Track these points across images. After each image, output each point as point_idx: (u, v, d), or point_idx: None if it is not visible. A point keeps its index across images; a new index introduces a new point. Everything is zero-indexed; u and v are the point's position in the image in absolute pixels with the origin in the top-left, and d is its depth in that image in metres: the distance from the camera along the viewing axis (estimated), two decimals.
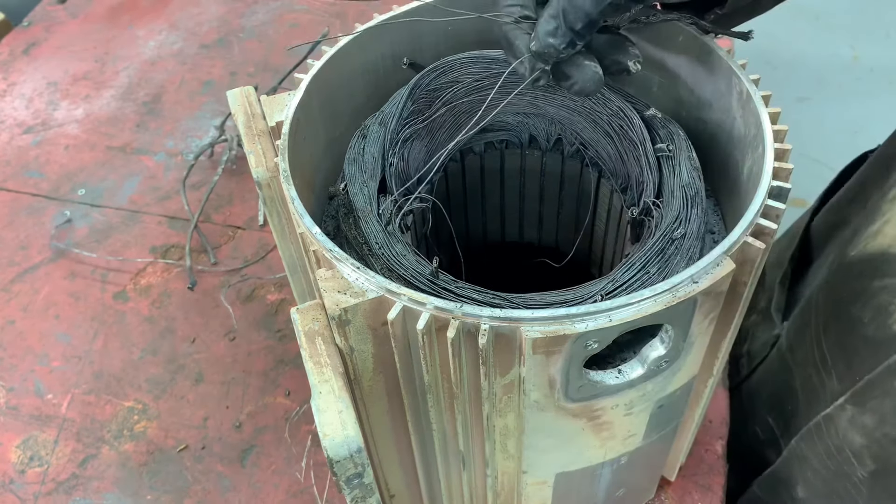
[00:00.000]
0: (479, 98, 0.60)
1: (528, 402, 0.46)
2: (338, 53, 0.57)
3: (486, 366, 0.43)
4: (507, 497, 0.59)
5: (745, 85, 0.52)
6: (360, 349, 0.46)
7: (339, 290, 0.43)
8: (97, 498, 0.75)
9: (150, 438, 0.79)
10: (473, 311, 0.41)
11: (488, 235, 0.73)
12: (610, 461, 0.56)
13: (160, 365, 0.85)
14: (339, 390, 0.42)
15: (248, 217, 0.98)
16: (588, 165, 0.63)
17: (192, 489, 0.75)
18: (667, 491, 0.72)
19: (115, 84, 1.19)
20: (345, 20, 1.26)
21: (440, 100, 0.59)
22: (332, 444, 0.40)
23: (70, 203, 1.02)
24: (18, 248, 0.97)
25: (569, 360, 0.43)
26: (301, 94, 0.54)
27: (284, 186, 0.49)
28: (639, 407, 0.50)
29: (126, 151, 1.08)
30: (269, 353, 0.85)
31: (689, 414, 0.61)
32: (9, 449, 0.79)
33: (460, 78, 0.59)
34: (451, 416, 0.50)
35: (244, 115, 0.55)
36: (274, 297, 0.90)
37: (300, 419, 0.79)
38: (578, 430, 0.50)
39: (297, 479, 0.75)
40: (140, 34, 1.27)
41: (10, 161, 1.08)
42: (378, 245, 0.51)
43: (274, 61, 1.20)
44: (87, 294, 0.91)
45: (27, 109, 1.15)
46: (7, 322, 0.89)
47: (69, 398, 0.82)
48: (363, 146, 0.56)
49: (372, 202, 0.53)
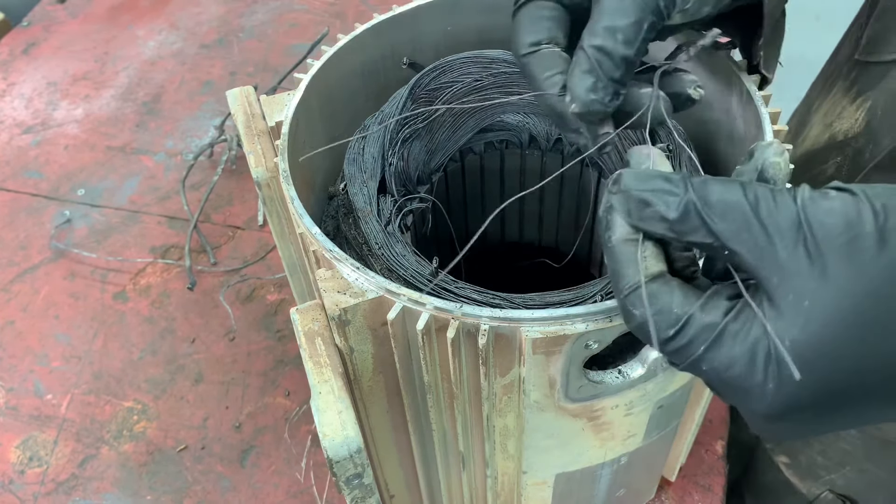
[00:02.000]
0: (479, 98, 0.60)
1: (528, 403, 0.46)
2: (338, 53, 0.57)
3: (486, 366, 0.43)
4: (507, 497, 0.59)
5: (746, 85, 0.52)
6: (359, 349, 0.46)
7: (338, 290, 0.43)
8: (97, 498, 0.75)
9: (150, 439, 0.79)
10: (473, 312, 0.41)
11: (488, 235, 0.73)
12: (610, 461, 0.56)
13: (160, 365, 0.84)
14: (338, 390, 0.42)
15: (248, 217, 0.98)
16: (588, 165, 0.63)
17: (192, 489, 0.75)
18: (667, 491, 0.72)
19: (114, 84, 1.19)
20: (345, 20, 1.26)
21: (440, 100, 0.59)
22: (331, 445, 0.40)
23: (70, 203, 1.02)
24: (18, 248, 0.97)
25: (569, 361, 0.43)
26: (301, 94, 0.54)
27: (284, 186, 0.49)
28: (639, 407, 0.50)
29: (126, 151, 1.08)
30: (269, 354, 0.85)
31: (689, 414, 0.61)
32: (8, 449, 0.79)
33: (460, 78, 0.59)
34: (450, 417, 0.50)
35: (244, 115, 0.55)
36: (274, 298, 0.90)
37: (300, 419, 0.79)
38: (578, 430, 0.50)
39: (296, 480, 0.75)
40: (140, 34, 1.27)
41: (10, 161, 1.08)
42: (378, 245, 0.51)
43: (274, 61, 1.20)
44: (86, 294, 0.91)
45: (27, 109, 1.15)
46: (7, 322, 0.89)
47: (69, 398, 0.82)
48: (363, 146, 0.56)
49: (372, 202, 0.53)
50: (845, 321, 0.30)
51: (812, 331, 0.30)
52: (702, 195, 0.32)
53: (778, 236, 0.31)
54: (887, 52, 0.64)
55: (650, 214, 0.33)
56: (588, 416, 0.49)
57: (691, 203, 0.32)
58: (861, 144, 0.66)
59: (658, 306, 0.33)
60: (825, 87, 0.75)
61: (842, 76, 0.71)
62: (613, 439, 0.53)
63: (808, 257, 0.30)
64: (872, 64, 0.66)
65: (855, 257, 0.30)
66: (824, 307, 0.30)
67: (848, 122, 0.68)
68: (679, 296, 0.33)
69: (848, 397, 0.31)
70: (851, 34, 0.72)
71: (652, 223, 0.34)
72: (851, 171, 0.67)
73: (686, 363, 0.33)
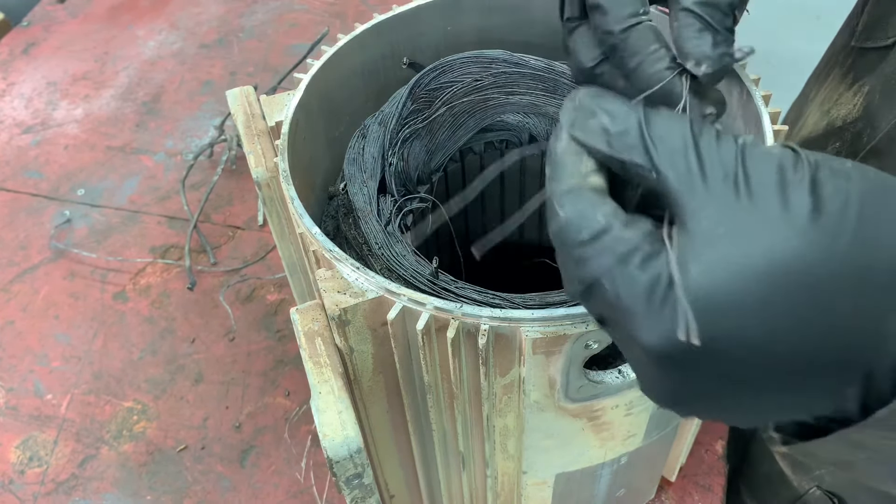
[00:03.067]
0: (478, 98, 0.60)
1: (528, 403, 0.46)
2: (338, 53, 0.57)
3: (486, 366, 0.43)
4: (507, 497, 0.59)
5: (746, 84, 0.52)
6: (359, 349, 0.46)
7: (338, 290, 0.43)
8: (97, 498, 0.75)
9: (150, 439, 0.79)
10: (473, 312, 0.41)
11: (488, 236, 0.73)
12: (610, 461, 0.56)
13: (160, 365, 0.84)
14: (338, 390, 0.42)
15: (248, 217, 0.98)
16: None
17: (192, 489, 0.75)
18: (667, 491, 0.72)
19: (114, 84, 1.19)
20: (345, 20, 1.26)
21: (440, 99, 0.59)
22: (331, 445, 0.40)
23: (69, 203, 1.02)
24: (18, 248, 0.97)
25: (569, 361, 0.43)
26: (301, 93, 0.54)
27: (284, 186, 0.48)
28: (639, 407, 0.50)
29: (125, 151, 1.08)
30: (269, 354, 0.85)
31: None
32: (8, 449, 0.79)
33: (460, 78, 0.59)
34: (450, 417, 0.50)
35: (244, 114, 0.54)
36: (273, 298, 0.90)
37: (300, 419, 0.79)
38: (578, 430, 0.50)
39: (296, 480, 0.75)
40: (140, 34, 1.27)
41: (10, 161, 1.08)
42: (378, 245, 0.51)
43: (273, 61, 1.20)
44: (86, 294, 0.91)
45: (27, 109, 1.15)
46: (6, 322, 0.89)
47: (69, 398, 0.82)
48: (363, 146, 0.56)
49: (372, 202, 0.53)
50: (755, 267, 0.28)
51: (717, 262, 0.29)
52: (648, 117, 0.32)
53: (710, 167, 0.30)
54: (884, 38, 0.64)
55: (592, 126, 0.33)
56: (588, 416, 0.49)
57: (635, 120, 0.32)
58: (859, 128, 0.67)
59: (583, 210, 0.32)
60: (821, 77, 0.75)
61: (838, 64, 0.72)
62: (613, 439, 0.53)
63: (735, 190, 0.29)
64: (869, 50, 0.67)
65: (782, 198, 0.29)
66: (738, 241, 0.29)
67: (846, 108, 0.69)
68: (607, 209, 0.32)
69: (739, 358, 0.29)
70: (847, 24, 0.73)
71: (592, 135, 0.33)
72: (849, 155, 0.67)
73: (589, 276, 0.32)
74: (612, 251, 0.31)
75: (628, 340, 0.32)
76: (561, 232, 0.33)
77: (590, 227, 0.32)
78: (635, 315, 0.30)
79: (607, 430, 0.51)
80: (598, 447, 0.53)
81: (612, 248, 0.31)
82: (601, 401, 0.48)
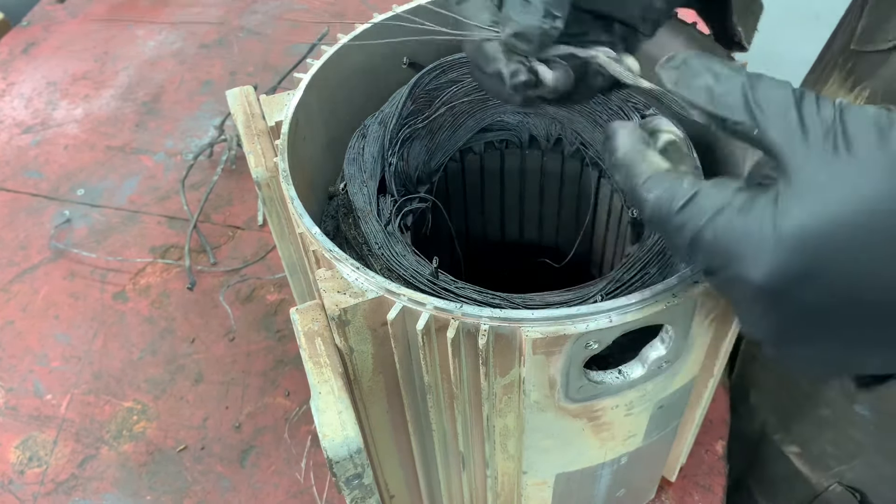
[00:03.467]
0: (478, 98, 0.60)
1: (528, 403, 0.46)
2: (338, 53, 0.57)
3: (486, 366, 0.43)
4: (507, 497, 0.59)
5: None
6: (359, 349, 0.45)
7: (338, 290, 0.43)
8: (96, 498, 0.75)
9: (150, 439, 0.79)
10: (473, 312, 0.41)
11: (488, 235, 0.73)
12: (610, 461, 0.56)
13: (160, 365, 0.84)
14: (338, 391, 0.42)
15: (248, 217, 0.98)
16: (588, 165, 0.63)
17: (192, 489, 0.75)
18: (667, 491, 0.72)
19: (114, 84, 1.18)
20: (345, 20, 1.26)
21: (440, 99, 0.59)
22: (331, 445, 0.40)
23: (69, 203, 1.02)
24: (18, 248, 0.97)
25: (569, 361, 0.43)
26: (301, 93, 0.54)
27: (284, 186, 0.48)
28: (639, 407, 0.50)
29: (125, 151, 1.08)
30: (269, 354, 0.85)
31: (690, 414, 0.61)
32: (8, 449, 0.79)
33: (460, 78, 0.59)
34: (450, 417, 0.50)
35: (243, 114, 0.54)
36: (273, 298, 0.90)
37: (300, 420, 0.79)
38: (578, 430, 0.50)
39: (296, 480, 0.75)
40: (140, 34, 1.27)
41: (10, 161, 1.08)
42: (378, 245, 0.51)
43: (273, 61, 1.20)
44: (86, 294, 0.91)
45: (26, 109, 1.15)
46: (6, 322, 0.89)
47: (68, 398, 0.82)
48: (363, 146, 0.56)
49: (372, 202, 0.53)
50: (854, 207, 0.31)
51: (819, 204, 0.31)
52: (752, 81, 0.34)
53: (812, 124, 0.33)
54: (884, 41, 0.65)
55: (698, 84, 0.35)
56: (588, 416, 0.49)
57: (739, 82, 0.34)
58: None
59: (669, 186, 0.36)
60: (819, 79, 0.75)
61: (837, 66, 0.72)
62: (613, 439, 0.53)
63: (834, 144, 0.32)
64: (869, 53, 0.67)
65: (879, 148, 0.31)
66: (838, 186, 0.31)
67: None
68: (690, 178, 0.36)
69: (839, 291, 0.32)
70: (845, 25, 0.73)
71: (696, 93, 0.35)
72: None
73: (692, 233, 0.34)
74: (709, 206, 0.34)
75: (734, 282, 0.34)
76: (656, 212, 0.36)
77: (682, 195, 0.35)
78: (741, 256, 0.33)
79: (607, 431, 0.51)
80: (598, 447, 0.53)
81: (707, 204, 0.34)
82: (601, 401, 0.48)
